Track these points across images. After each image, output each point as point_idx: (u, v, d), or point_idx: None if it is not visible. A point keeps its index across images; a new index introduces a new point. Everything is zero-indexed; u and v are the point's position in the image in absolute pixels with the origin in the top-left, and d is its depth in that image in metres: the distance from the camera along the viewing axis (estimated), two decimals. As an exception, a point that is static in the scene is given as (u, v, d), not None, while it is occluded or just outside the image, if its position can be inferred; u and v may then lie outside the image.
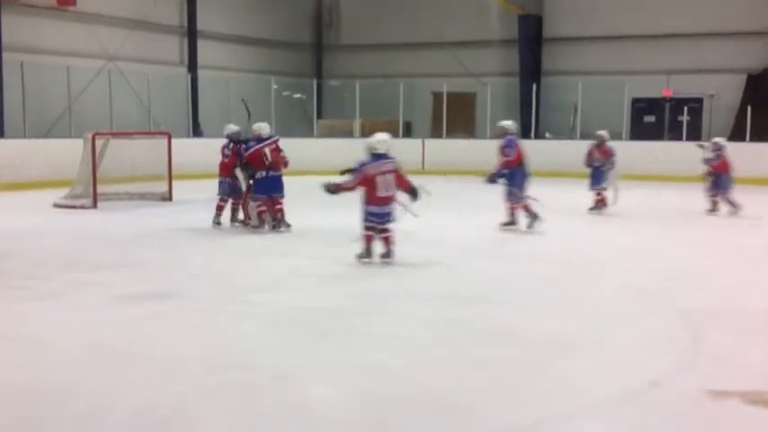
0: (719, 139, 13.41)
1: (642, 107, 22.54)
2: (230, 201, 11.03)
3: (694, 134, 20.96)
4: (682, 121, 20.78)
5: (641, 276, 8.15)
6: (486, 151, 20.86)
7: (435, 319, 6.45)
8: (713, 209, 12.91)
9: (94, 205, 13.33)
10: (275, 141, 10.70)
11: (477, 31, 24.49)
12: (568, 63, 23.47)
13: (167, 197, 14.40)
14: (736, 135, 20.44)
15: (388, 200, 8.58)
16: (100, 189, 13.53)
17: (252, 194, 10.68)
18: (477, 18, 24.48)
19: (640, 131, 21.75)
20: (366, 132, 22.78)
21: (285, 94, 23.57)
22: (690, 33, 22.09)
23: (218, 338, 5.92)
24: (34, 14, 18.49)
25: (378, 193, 8.47)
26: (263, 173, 10.53)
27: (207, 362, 5.30)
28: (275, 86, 22.55)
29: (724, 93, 21.59)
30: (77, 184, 14.00)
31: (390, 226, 8.65)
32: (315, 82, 23.95)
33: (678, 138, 20.43)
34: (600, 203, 12.78)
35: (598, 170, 12.81)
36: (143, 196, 14.18)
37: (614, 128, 20.74)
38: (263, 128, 10.76)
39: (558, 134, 22.43)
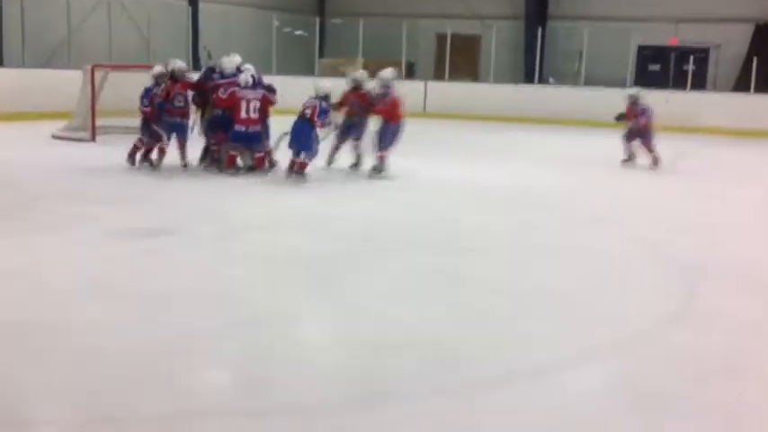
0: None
1: (648, 55, 22.30)
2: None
3: (700, 84, 20.82)
4: (687, 71, 20.56)
5: (640, 228, 8.14)
6: (489, 95, 20.93)
7: (434, 269, 6.43)
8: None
9: (93, 138, 13.24)
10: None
11: (483, -29, 24.08)
12: (575, 8, 23.13)
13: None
14: (742, 86, 20.29)
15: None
16: (98, 122, 13.43)
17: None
18: (484, -42, 24.05)
19: (645, 80, 21.53)
20: (369, 73, 22.60)
21: (286, 30, 23.24)
22: (700, -19, 21.75)
23: (214, 277, 5.93)
24: (34, -58, 18.12)
25: None
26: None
27: (203, 300, 5.31)
28: (277, 23, 22.22)
29: (731, 43, 21.35)
30: (76, 116, 13.88)
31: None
32: (317, 20, 23.59)
33: (683, 88, 20.26)
34: None
35: None
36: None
37: (619, 75, 20.63)
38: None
39: (563, 80, 22.23)
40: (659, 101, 10.95)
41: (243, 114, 9.96)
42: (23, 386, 3.98)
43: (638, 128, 12.05)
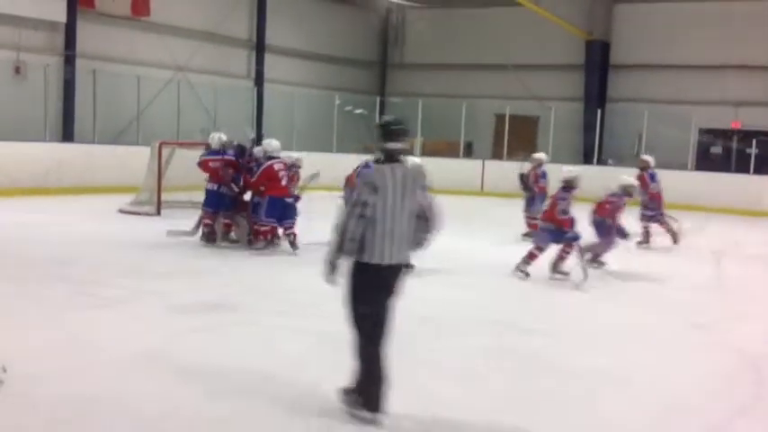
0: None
1: (709, 138, 22.13)
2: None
3: (764, 167, 20.51)
4: (750, 154, 20.32)
5: (702, 314, 7.97)
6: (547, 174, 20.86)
7: (493, 349, 6.38)
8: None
9: (158, 212, 13.58)
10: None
11: (542, 54, 24.36)
12: (634, 90, 23.17)
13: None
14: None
15: None
16: (164, 197, 13.79)
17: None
18: (542, 42, 24.34)
19: (707, 163, 21.35)
20: (426, 151, 22.89)
21: (347, 109, 23.74)
22: (760, 65, 21.64)
23: (271, 354, 5.94)
24: (109, 23, 18.99)
25: None
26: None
27: (260, 376, 5.33)
28: (338, 102, 22.73)
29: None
30: (143, 190, 14.29)
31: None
32: (378, 99, 24.08)
33: (746, 171, 19.99)
34: None
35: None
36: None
37: (680, 158, 20.47)
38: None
39: (621, 161, 22.13)
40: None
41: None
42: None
43: None
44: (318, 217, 10.64)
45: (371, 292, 4.55)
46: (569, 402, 5.18)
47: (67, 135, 17.90)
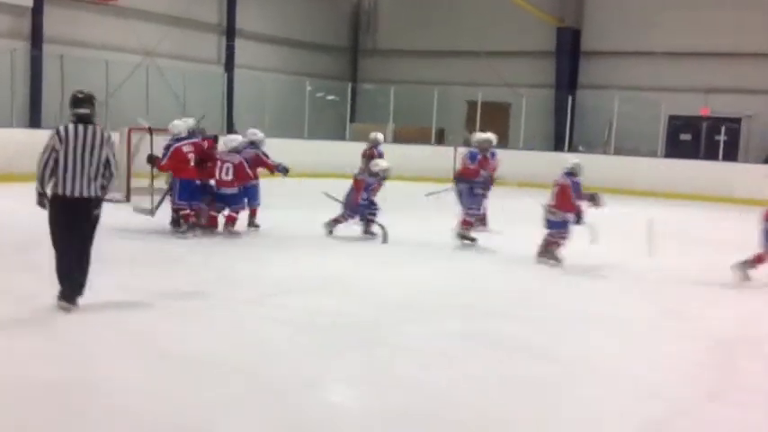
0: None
1: (679, 125, 22.33)
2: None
3: (731, 154, 20.75)
4: (719, 141, 20.54)
5: (675, 301, 8.05)
6: (518, 162, 20.96)
7: (466, 334, 6.37)
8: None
9: (127, 199, 13.43)
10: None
11: (514, 41, 24.38)
12: (605, 77, 23.30)
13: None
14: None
15: None
16: (133, 183, 13.64)
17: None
18: (514, 29, 24.37)
19: (676, 149, 21.55)
20: (398, 138, 22.87)
21: (319, 95, 23.63)
22: (730, 53, 21.84)
23: (244, 342, 5.91)
24: (76, 8, 18.72)
25: None
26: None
27: (232, 366, 5.29)
28: (309, 88, 22.60)
29: (763, 113, 21.31)
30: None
31: None
32: (349, 85, 23.98)
33: (714, 157, 20.21)
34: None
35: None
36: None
37: (650, 145, 20.65)
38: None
39: (592, 148, 22.27)
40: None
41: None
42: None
43: None
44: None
45: (62, 217, 6.20)
46: (542, 389, 5.19)
47: (35, 120, 17.63)
